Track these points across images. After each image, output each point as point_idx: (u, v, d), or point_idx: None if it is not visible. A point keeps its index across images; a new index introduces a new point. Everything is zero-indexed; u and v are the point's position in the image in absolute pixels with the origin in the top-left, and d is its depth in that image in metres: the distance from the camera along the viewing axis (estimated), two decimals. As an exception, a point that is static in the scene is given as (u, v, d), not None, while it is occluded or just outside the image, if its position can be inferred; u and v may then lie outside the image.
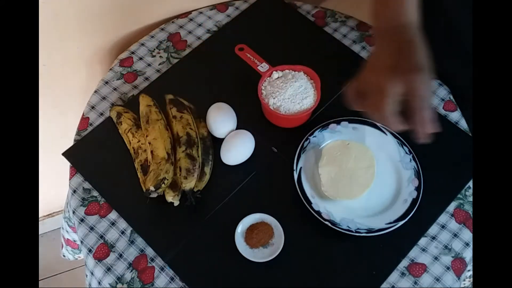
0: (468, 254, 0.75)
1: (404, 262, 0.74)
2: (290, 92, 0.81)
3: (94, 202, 0.79)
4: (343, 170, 0.77)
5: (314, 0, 1.04)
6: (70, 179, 0.81)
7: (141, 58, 0.93)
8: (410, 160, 0.80)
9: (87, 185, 0.80)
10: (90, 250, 0.76)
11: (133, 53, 0.94)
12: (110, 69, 0.92)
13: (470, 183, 0.80)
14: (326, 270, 0.73)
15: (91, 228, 0.77)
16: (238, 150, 0.79)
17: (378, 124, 0.82)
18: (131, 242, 0.76)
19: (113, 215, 0.78)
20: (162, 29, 0.97)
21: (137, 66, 0.93)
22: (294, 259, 0.74)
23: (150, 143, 0.77)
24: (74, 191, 0.80)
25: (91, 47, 0.97)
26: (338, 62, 0.92)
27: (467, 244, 0.76)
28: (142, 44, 0.95)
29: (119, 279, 0.73)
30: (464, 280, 0.77)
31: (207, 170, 0.79)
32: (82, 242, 0.77)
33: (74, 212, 0.79)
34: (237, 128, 0.82)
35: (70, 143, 0.84)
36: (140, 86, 0.90)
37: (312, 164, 0.80)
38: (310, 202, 0.75)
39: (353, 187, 0.76)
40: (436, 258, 0.75)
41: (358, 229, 0.74)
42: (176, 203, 0.76)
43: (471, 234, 0.76)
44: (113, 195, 0.79)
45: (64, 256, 1.04)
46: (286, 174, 0.79)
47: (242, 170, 0.81)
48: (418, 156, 0.80)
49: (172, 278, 0.73)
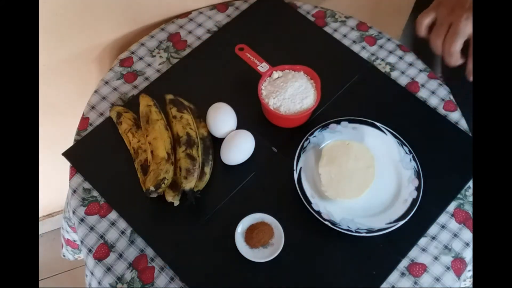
0: (468, 254, 0.75)
1: (404, 262, 0.74)
2: (290, 92, 0.81)
3: (94, 202, 0.79)
4: (343, 170, 0.77)
5: (314, 0, 1.04)
6: (70, 179, 0.81)
7: (141, 58, 0.93)
8: (410, 160, 0.80)
9: (87, 185, 0.80)
10: (90, 250, 0.76)
11: (133, 53, 0.94)
12: (110, 69, 0.92)
13: (470, 183, 0.80)
14: (326, 270, 0.73)
15: (91, 228, 0.77)
16: (238, 150, 0.79)
17: (378, 124, 0.82)
18: (131, 242, 0.76)
19: (113, 215, 0.78)
20: (162, 29, 0.97)
21: (137, 66, 0.93)
22: (294, 259, 0.74)
23: (150, 143, 0.77)
24: (74, 191, 0.80)
25: (91, 47, 0.97)
26: (338, 62, 0.92)
27: (467, 244, 0.76)
28: (142, 44, 0.95)
29: (119, 279, 0.73)
30: (464, 280, 0.77)
31: (207, 170, 0.79)
32: (82, 242, 0.77)
33: (74, 212, 0.79)
34: (237, 128, 0.82)
35: (70, 143, 0.84)
36: (140, 86, 0.90)
37: (312, 164, 0.80)
38: (310, 202, 0.75)
39: (353, 187, 0.76)
40: (436, 258, 0.75)
41: (358, 229, 0.74)
42: (176, 203, 0.76)
43: (471, 234, 0.76)
44: (113, 195, 0.79)
45: (64, 256, 1.04)
46: (286, 174, 0.79)
47: (242, 170, 0.81)
48: (418, 156, 0.80)
49: (172, 278, 0.73)
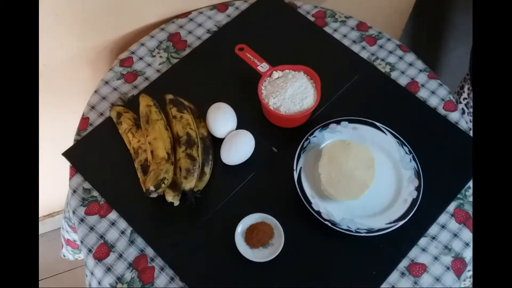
0: (468, 254, 0.75)
1: (404, 262, 0.74)
2: (290, 92, 0.81)
3: (94, 202, 0.79)
4: (343, 170, 0.77)
5: (314, 0, 1.04)
6: (70, 179, 0.81)
7: (141, 58, 0.93)
8: (410, 160, 0.80)
9: (87, 185, 0.80)
10: (90, 250, 0.76)
11: (133, 53, 0.94)
12: (110, 69, 0.92)
13: (470, 183, 0.80)
14: (326, 270, 0.73)
15: (91, 228, 0.77)
16: (238, 150, 0.79)
17: (378, 124, 0.82)
18: (131, 242, 0.76)
19: (113, 215, 0.78)
20: (162, 29, 0.97)
21: (137, 66, 0.93)
22: (294, 259, 0.74)
23: (150, 143, 0.77)
24: (74, 191, 0.80)
25: (91, 47, 0.97)
26: (338, 62, 0.92)
27: (467, 244, 0.76)
28: (142, 44, 0.95)
29: (119, 279, 0.73)
30: (464, 280, 0.77)
31: (207, 170, 0.79)
32: (82, 242, 0.77)
33: (74, 212, 0.79)
34: (237, 128, 0.82)
35: (70, 143, 0.84)
36: (140, 86, 0.90)
37: (312, 164, 0.80)
38: (310, 202, 0.75)
39: (353, 187, 0.76)
40: (436, 258, 0.75)
41: (358, 229, 0.74)
42: (176, 203, 0.76)
43: (471, 234, 0.76)
44: (113, 195, 0.79)
45: (64, 256, 1.04)
46: (286, 174, 0.79)
47: (242, 170, 0.81)
48: (418, 156, 0.80)
49: (172, 278, 0.73)
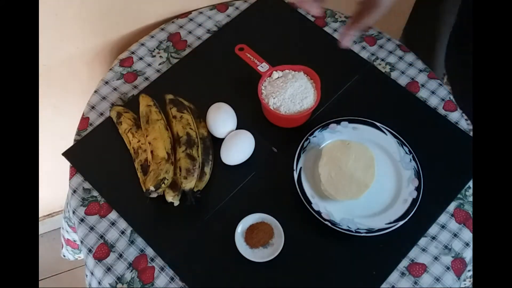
0: (468, 254, 0.75)
1: (404, 262, 0.74)
2: (290, 92, 0.81)
3: (94, 202, 0.79)
4: (343, 170, 0.77)
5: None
6: (70, 179, 0.81)
7: (141, 58, 0.93)
8: (410, 160, 0.80)
9: (87, 185, 0.80)
10: (90, 250, 0.76)
11: (133, 53, 0.94)
12: (110, 69, 0.92)
13: (470, 183, 0.80)
14: (326, 270, 0.73)
15: (91, 228, 0.77)
16: (238, 150, 0.79)
17: (378, 124, 0.82)
18: (131, 242, 0.76)
19: (113, 215, 0.78)
20: (162, 29, 0.97)
21: (137, 66, 0.92)
22: (294, 259, 0.74)
23: (150, 143, 0.77)
24: (74, 191, 0.80)
25: (91, 47, 0.97)
26: (338, 62, 0.92)
27: (467, 244, 0.76)
28: (142, 44, 0.95)
29: (119, 279, 0.73)
30: (464, 280, 0.77)
31: (207, 170, 0.79)
32: (82, 242, 0.77)
33: (74, 212, 0.79)
34: (237, 128, 0.82)
35: (70, 143, 0.84)
36: (140, 86, 0.90)
37: (312, 164, 0.80)
38: (310, 202, 0.75)
39: (353, 187, 0.76)
40: (436, 258, 0.75)
41: (358, 229, 0.74)
42: (176, 203, 0.76)
43: (471, 234, 0.76)
44: (113, 195, 0.79)
45: (64, 256, 1.04)
46: (286, 174, 0.79)
47: (242, 170, 0.81)
48: (418, 156, 0.80)
49: (172, 278, 0.73)
